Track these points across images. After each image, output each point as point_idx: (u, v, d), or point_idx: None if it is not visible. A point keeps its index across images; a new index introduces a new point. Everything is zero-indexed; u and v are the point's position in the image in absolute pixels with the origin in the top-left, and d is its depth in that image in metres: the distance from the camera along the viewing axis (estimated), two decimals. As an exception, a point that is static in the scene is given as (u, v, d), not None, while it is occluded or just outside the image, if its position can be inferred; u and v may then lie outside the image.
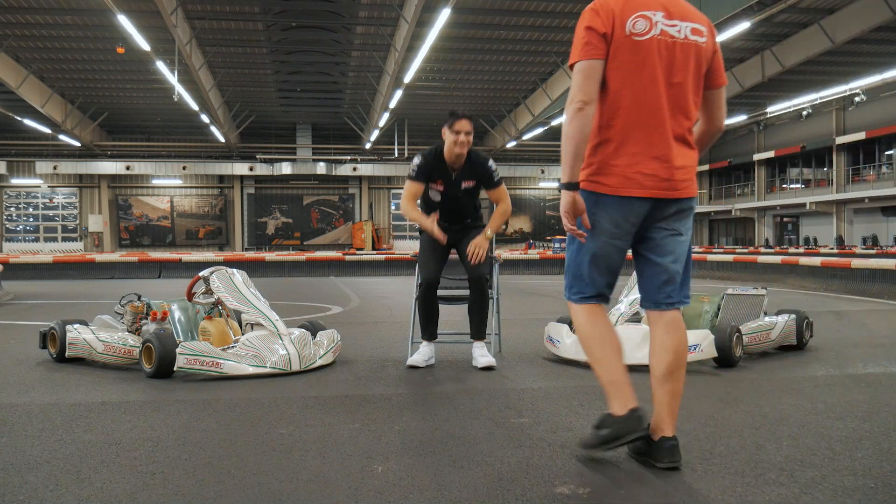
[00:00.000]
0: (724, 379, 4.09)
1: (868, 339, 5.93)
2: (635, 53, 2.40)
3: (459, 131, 4.26)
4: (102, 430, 3.00)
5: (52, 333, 4.76)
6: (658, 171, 2.43)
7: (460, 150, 4.31)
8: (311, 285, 13.98)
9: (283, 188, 38.14)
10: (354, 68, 25.83)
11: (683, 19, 2.45)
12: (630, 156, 2.42)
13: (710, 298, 5.17)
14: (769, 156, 34.89)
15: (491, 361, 4.36)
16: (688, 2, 2.53)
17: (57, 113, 28.75)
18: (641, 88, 2.41)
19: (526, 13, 20.32)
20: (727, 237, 40.15)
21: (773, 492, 2.23)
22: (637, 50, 2.39)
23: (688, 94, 2.47)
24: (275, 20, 21.04)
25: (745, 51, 24.04)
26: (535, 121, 29.35)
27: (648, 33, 2.39)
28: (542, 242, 37.35)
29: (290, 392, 3.78)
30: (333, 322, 6.97)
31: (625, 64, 2.40)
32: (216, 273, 4.61)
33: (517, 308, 8.60)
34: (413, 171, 4.38)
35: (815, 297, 10.23)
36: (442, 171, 4.40)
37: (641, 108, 2.41)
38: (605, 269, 2.54)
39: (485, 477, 2.37)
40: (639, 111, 2.42)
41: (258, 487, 2.30)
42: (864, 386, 3.87)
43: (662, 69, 2.41)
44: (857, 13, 19.48)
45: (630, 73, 2.40)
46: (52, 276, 16.72)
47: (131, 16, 17.40)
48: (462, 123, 4.27)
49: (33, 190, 37.02)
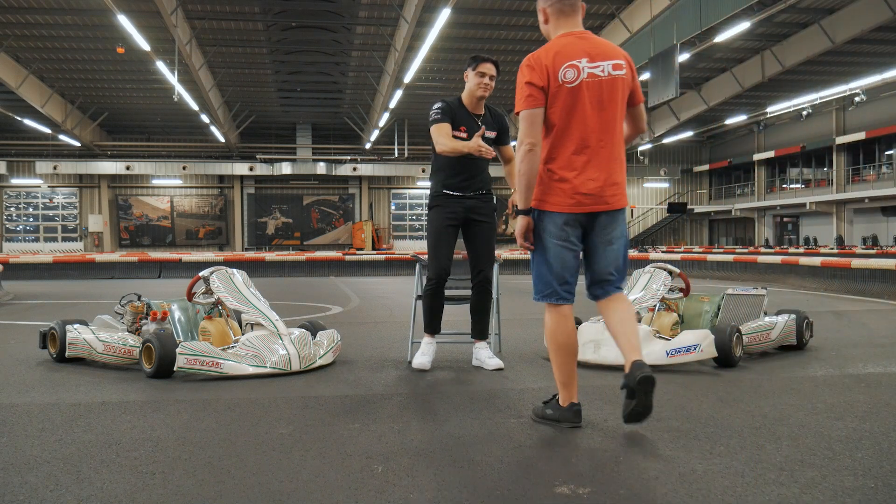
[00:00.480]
0: (724, 379, 4.09)
1: (868, 339, 5.93)
2: (569, 97, 2.91)
3: (485, 73, 4.15)
4: (102, 430, 3.00)
5: (52, 333, 4.76)
6: (594, 191, 2.93)
7: (483, 94, 4.17)
8: (311, 285, 13.98)
9: (283, 188, 38.13)
10: (354, 68, 25.83)
11: (605, 59, 2.95)
12: (571, 180, 2.92)
13: (710, 298, 5.17)
14: (769, 156, 34.88)
15: (499, 364, 4.34)
16: (607, 41, 3.08)
17: (57, 113, 28.75)
18: (578, 123, 2.91)
19: (526, 13, 20.31)
20: (727, 237, 40.14)
21: (773, 492, 2.23)
22: (570, 94, 2.90)
23: (616, 120, 2.97)
24: (275, 20, 21.03)
25: (745, 51, 24.04)
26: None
27: (577, 79, 2.90)
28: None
29: (290, 392, 3.78)
30: (333, 322, 6.97)
31: (561, 107, 2.91)
32: (216, 273, 4.61)
33: (517, 308, 8.60)
34: (437, 112, 4.15)
35: (815, 297, 10.23)
36: (465, 118, 4.20)
37: (579, 139, 2.91)
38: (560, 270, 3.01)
39: (485, 477, 2.38)
40: (577, 142, 2.92)
41: (258, 487, 2.30)
42: (864, 386, 3.87)
43: (592, 105, 2.92)
44: (857, 13, 19.48)
45: (566, 113, 2.91)
46: (52, 276, 16.71)
47: (131, 16, 17.40)
48: (487, 66, 4.15)
49: (33, 190, 37.00)
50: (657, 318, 4.89)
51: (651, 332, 4.54)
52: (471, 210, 4.31)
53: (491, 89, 4.20)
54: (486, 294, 4.39)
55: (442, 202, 4.31)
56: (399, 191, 39.05)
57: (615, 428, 2.99)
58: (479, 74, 4.16)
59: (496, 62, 4.24)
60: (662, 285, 4.86)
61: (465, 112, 4.24)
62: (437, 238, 4.30)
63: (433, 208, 4.35)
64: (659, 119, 32.30)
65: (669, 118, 31.39)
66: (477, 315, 4.43)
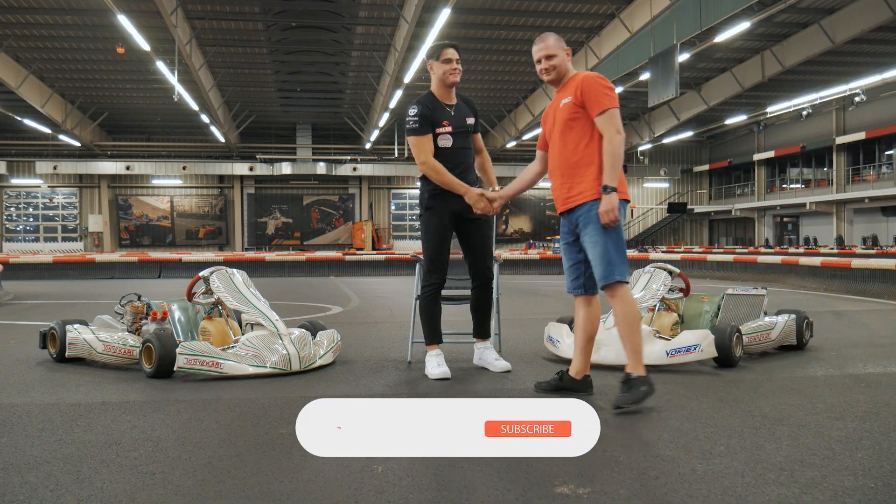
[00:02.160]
0: (724, 379, 4.09)
1: (868, 339, 5.93)
2: None
3: (451, 59, 4.13)
4: (102, 430, 3.00)
5: (52, 333, 4.76)
6: None
7: (454, 79, 4.14)
8: (311, 285, 13.98)
9: (283, 188, 38.11)
10: (354, 68, 25.82)
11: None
12: None
13: (710, 298, 5.17)
14: (769, 156, 34.86)
15: (507, 366, 4.29)
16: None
17: (57, 113, 28.74)
18: None
19: (526, 13, 20.31)
20: (727, 237, 40.12)
21: (773, 492, 2.23)
22: None
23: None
24: (275, 20, 21.03)
25: (745, 51, 24.03)
26: (535, 121, 29.30)
27: None
28: (542, 242, 37.34)
29: (290, 392, 3.78)
30: (333, 322, 6.97)
31: None
32: (216, 273, 4.60)
33: (517, 308, 8.60)
34: (415, 122, 4.07)
35: (815, 297, 10.23)
36: (443, 112, 4.16)
37: None
38: None
39: (485, 477, 2.38)
40: None
41: (258, 487, 2.30)
42: (864, 386, 3.87)
43: None
44: (857, 13, 19.47)
45: None
46: (52, 276, 16.71)
47: (131, 16, 17.39)
48: (451, 51, 4.14)
49: (33, 190, 36.99)
50: (657, 318, 4.89)
51: (651, 332, 4.54)
52: (466, 208, 4.15)
53: (460, 73, 4.17)
54: (487, 291, 4.32)
55: (436, 203, 4.18)
56: (399, 191, 39.04)
57: (615, 428, 2.99)
58: (446, 61, 4.12)
59: (456, 45, 4.21)
60: (662, 285, 4.86)
61: (439, 105, 4.18)
62: (434, 241, 4.20)
63: (428, 209, 4.21)
64: (659, 119, 32.29)
65: (669, 118, 31.38)
66: (479, 314, 4.36)
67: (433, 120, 4.12)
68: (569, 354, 4.56)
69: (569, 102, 3.54)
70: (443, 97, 4.20)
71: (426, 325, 4.25)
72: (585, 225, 3.47)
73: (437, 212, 4.19)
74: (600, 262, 3.42)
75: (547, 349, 4.85)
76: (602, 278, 3.43)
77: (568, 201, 3.54)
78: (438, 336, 4.27)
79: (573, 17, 20.63)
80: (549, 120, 3.70)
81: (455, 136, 4.17)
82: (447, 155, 4.13)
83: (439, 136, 4.13)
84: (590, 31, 21.60)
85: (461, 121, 4.21)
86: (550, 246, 33.28)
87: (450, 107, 4.20)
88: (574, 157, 3.51)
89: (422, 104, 4.14)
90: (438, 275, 4.20)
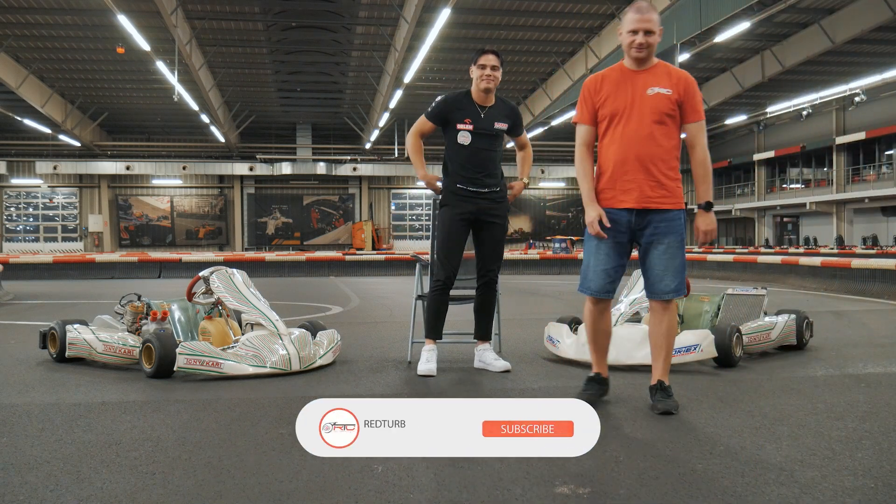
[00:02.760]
0: (724, 379, 4.09)
1: (868, 339, 5.93)
2: None
3: (485, 65, 4.15)
4: (102, 430, 3.00)
5: (52, 333, 4.75)
6: None
7: (487, 85, 4.17)
8: (311, 285, 13.98)
9: (283, 188, 38.13)
10: (354, 68, 25.83)
11: None
12: None
13: (710, 298, 5.17)
14: (769, 156, 34.87)
15: (506, 365, 4.29)
16: None
17: (57, 113, 28.75)
18: None
19: (526, 13, 20.31)
20: (727, 237, 40.12)
21: (773, 492, 2.23)
22: None
23: None
24: (275, 20, 21.04)
25: (745, 51, 24.05)
26: (535, 121, 29.31)
27: None
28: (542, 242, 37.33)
29: (290, 392, 3.78)
30: (333, 322, 6.97)
31: None
32: (216, 273, 4.60)
33: (517, 308, 8.60)
34: (430, 107, 4.26)
35: (815, 297, 10.23)
36: (470, 110, 4.20)
37: None
38: None
39: (485, 477, 2.37)
40: None
41: (258, 487, 2.30)
42: (864, 386, 3.87)
43: None
44: (857, 13, 19.48)
45: None
46: (52, 276, 16.70)
47: (131, 16, 17.40)
48: (488, 57, 4.16)
49: (33, 190, 37.01)
50: (657, 319, 4.87)
51: (651, 333, 4.53)
52: (484, 211, 4.19)
53: (496, 80, 4.18)
54: (491, 293, 4.34)
55: (453, 200, 4.20)
56: (399, 191, 39.06)
57: (615, 428, 2.99)
58: (480, 67, 4.17)
59: (497, 52, 4.24)
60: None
61: (472, 105, 4.23)
62: (447, 238, 4.21)
63: (444, 206, 4.25)
64: (659, 119, 32.20)
65: (669, 118, 31.30)
66: (481, 315, 4.36)
67: (448, 114, 4.22)
68: (569, 354, 4.57)
69: (668, 95, 3.31)
70: (479, 99, 4.25)
71: (430, 319, 4.29)
72: (668, 233, 3.30)
73: (453, 209, 4.21)
74: (677, 274, 3.31)
75: (547, 349, 4.85)
76: (674, 291, 3.32)
77: (649, 201, 3.28)
78: (438, 332, 4.31)
79: (573, 17, 20.64)
80: (622, 97, 3.31)
81: (476, 135, 4.18)
82: (465, 153, 4.19)
83: (458, 133, 4.18)
84: (590, 31, 21.61)
85: (488, 123, 4.22)
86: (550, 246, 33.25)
87: (481, 108, 4.24)
88: (664, 154, 3.30)
89: (446, 97, 4.27)
90: (446, 272, 4.21)
